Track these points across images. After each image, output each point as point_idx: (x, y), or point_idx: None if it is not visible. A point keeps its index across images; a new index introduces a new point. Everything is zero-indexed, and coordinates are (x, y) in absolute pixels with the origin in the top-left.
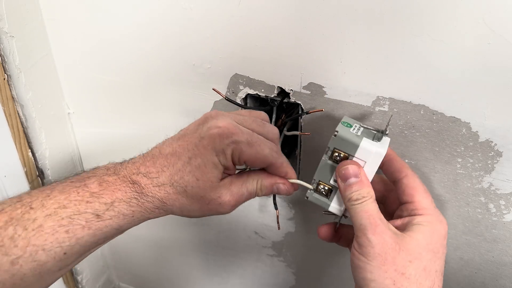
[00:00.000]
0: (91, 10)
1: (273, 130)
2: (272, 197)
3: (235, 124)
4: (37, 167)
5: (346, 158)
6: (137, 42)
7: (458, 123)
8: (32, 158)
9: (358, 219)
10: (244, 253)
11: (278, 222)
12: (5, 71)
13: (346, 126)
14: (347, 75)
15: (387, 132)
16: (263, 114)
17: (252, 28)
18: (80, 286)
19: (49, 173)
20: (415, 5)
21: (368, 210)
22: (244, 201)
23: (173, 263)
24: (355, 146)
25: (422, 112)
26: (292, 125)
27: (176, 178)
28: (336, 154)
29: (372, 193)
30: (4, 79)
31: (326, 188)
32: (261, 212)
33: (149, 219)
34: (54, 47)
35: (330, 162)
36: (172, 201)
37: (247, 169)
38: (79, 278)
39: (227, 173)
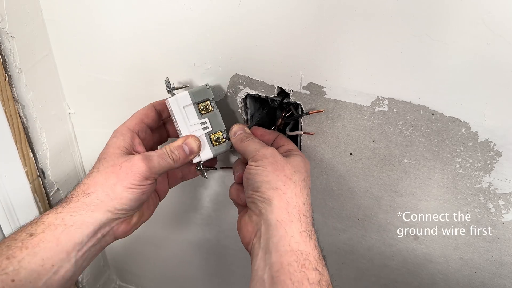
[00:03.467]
0: (91, 11)
1: None
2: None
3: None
4: (37, 167)
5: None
6: (137, 42)
7: (457, 123)
8: (33, 158)
9: (251, 146)
10: (244, 253)
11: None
12: (5, 71)
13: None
14: (347, 75)
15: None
16: None
17: (252, 29)
18: (80, 286)
19: (50, 173)
20: (414, 6)
21: (256, 140)
22: (161, 166)
23: (173, 263)
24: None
25: (421, 112)
26: (293, 125)
27: (90, 172)
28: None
29: (252, 135)
30: (5, 79)
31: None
32: None
33: (88, 224)
34: (54, 47)
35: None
36: (91, 184)
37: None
38: (79, 277)
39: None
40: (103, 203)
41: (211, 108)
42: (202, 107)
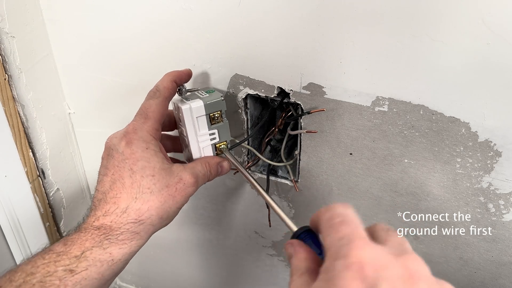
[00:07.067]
0: (92, 10)
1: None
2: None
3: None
4: (37, 167)
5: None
6: (137, 43)
7: (457, 123)
8: (33, 158)
9: None
10: (244, 253)
11: (269, 220)
12: (5, 71)
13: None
14: (347, 75)
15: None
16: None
17: (252, 29)
18: None
19: (50, 173)
20: (414, 6)
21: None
22: (202, 181)
23: (173, 263)
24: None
25: (421, 112)
26: (293, 125)
27: (134, 192)
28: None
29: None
30: (5, 79)
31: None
32: (261, 212)
33: (134, 253)
34: (54, 47)
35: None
36: (145, 210)
37: None
38: None
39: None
40: (154, 227)
41: (221, 119)
42: (212, 116)
